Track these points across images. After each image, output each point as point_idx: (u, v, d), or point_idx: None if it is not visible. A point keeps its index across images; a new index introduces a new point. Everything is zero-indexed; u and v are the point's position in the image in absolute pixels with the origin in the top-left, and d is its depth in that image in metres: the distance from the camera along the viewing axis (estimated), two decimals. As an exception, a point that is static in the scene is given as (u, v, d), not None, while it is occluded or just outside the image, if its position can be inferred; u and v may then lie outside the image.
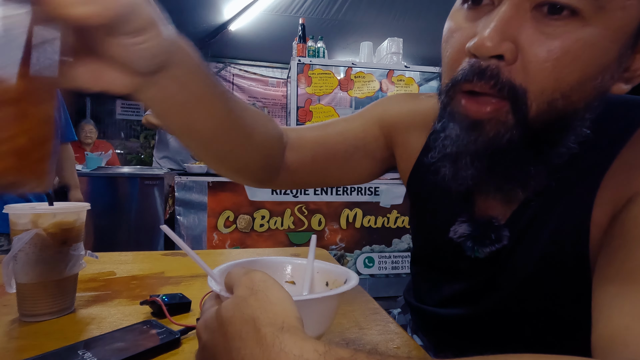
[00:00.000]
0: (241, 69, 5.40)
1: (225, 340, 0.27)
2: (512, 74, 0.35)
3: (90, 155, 2.75)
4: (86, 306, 0.58)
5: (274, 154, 0.55)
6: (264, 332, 0.26)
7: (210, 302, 0.34)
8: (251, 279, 0.30)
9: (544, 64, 0.33)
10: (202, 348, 0.30)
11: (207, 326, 0.30)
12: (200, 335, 0.31)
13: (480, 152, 0.38)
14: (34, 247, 0.51)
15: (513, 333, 0.50)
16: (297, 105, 2.48)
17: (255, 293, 0.28)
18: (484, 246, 0.47)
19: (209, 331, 0.30)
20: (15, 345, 0.46)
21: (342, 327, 0.53)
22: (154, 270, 0.78)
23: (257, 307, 0.27)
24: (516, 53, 0.34)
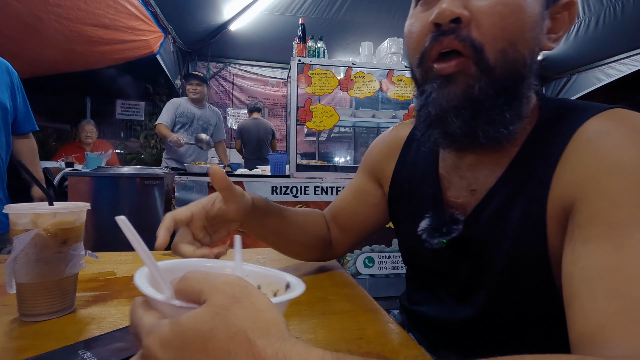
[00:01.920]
0: (241, 69, 5.40)
1: (205, 357, 0.24)
2: (470, 31, 0.43)
3: (90, 155, 2.76)
4: (86, 306, 0.58)
5: (322, 234, 0.76)
6: (260, 345, 0.23)
7: (152, 315, 0.27)
8: (230, 284, 0.26)
9: (491, 19, 0.42)
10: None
11: (167, 343, 0.24)
12: (154, 353, 0.25)
13: (460, 103, 0.45)
14: (34, 247, 0.51)
15: (501, 330, 0.51)
16: (297, 105, 2.48)
17: (239, 301, 0.25)
18: (433, 238, 0.54)
19: (172, 349, 0.24)
20: (16, 345, 0.46)
21: (342, 327, 0.53)
22: (154, 270, 0.78)
23: (245, 317, 0.24)
24: (470, 17, 0.43)
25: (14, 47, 2.88)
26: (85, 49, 3.07)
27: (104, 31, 2.88)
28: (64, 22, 2.64)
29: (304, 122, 2.49)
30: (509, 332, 0.51)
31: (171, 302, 0.27)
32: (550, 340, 0.48)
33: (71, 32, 2.77)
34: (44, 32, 2.71)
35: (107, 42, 3.04)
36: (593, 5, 3.93)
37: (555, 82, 5.48)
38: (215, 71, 5.25)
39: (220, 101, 5.41)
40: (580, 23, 4.19)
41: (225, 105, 5.39)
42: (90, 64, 3.47)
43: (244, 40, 4.59)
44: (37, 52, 3.01)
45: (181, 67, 4.71)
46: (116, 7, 2.71)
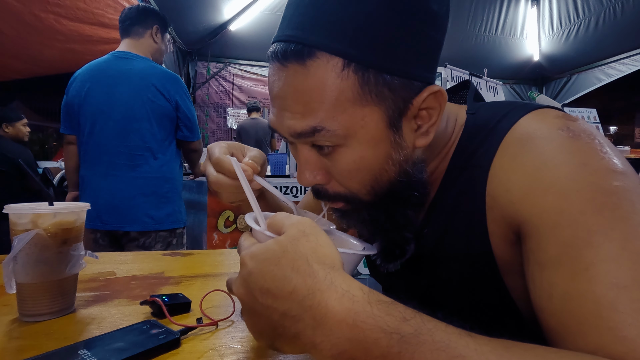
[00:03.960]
0: (241, 69, 5.40)
1: (277, 269, 0.31)
2: (336, 188, 0.46)
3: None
4: (86, 306, 0.58)
5: None
6: (315, 268, 0.31)
7: (250, 240, 0.37)
8: (302, 222, 0.34)
9: (345, 179, 0.45)
10: (247, 274, 0.32)
11: (255, 255, 0.32)
12: (245, 262, 0.33)
13: (360, 224, 0.49)
14: (34, 247, 0.51)
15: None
16: (297, 105, 2.47)
17: (307, 235, 0.33)
18: (389, 262, 0.53)
19: (257, 260, 0.32)
20: (16, 345, 0.46)
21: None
22: (154, 270, 0.78)
23: (310, 247, 0.32)
24: (328, 176, 0.46)
25: (13, 47, 2.88)
26: (85, 48, 3.06)
27: (103, 30, 2.87)
28: (63, 21, 2.64)
29: (304, 122, 2.48)
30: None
31: (263, 232, 0.37)
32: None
33: (71, 32, 2.77)
34: (44, 32, 2.71)
35: (107, 42, 3.04)
36: (593, 5, 3.94)
37: (555, 82, 5.49)
38: (215, 71, 5.25)
39: (220, 101, 5.41)
40: (581, 23, 4.19)
41: (225, 105, 5.39)
42: (90, 64, 3.46)
43: (244, 40, 4.59)
44: (37, 51, 3.01)
45: (181, 67, 4.71)
46: (116, 7, 2.71)
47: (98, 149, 1.49)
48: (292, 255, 0.31)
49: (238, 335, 0.49)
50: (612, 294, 0.30)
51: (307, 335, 0.29)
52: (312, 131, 0.41)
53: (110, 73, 1.51)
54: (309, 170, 0.45)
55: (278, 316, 0.30)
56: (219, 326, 0.52)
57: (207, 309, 0.57)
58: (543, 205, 0.37)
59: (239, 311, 0.39)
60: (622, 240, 0.32)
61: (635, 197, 0.34)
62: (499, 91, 3.45)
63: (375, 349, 0.27)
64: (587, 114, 3.11)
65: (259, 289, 0.31)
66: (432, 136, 0.45)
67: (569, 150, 0.38)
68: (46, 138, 5.29)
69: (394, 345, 0.27)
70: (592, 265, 0.32)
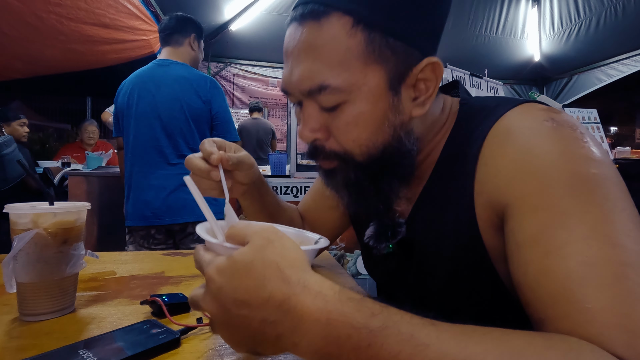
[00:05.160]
0: (242, 69, 5.40)
1: (249, 280, 0.31)
2: (332, 146, 0.49)
3: (91, 155, 2.76)
4: (86, 306, 0.58)
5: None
6: (287, 273, 0.31)
7: (210, 253, 0.36)
8: (265, 230, 0.34)
9: (343, 135, 0.48)
10: (217, 289, 0.32)
11: (223, 270, 0.32)
12: (213, 278, 0.32)
13: (343, 188, 0.52)
14: (34, 247, 0.51)
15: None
16: (298, 105, 2.47)
17: (272, 242, 0.33)
18: (380, 243, 0.57)
19: (225, 274, 0.32)
20: (16, 344, 0.46)
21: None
22: (154, 270, 0.78)
23: (278, 253, 0.32)
24: (327, 133, 0.49)
25: (14, 47, 2.88)
26: (85, 48, 3.07)
27: (104, 31, 2.88)
28: (64, 21, 2.64)
29: (304, 122, 2.48)
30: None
31: (223, 244, 0.36)
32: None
33: (72, 32, 2.77)
34: (45, 32, 2.71)
35: (108, 42, 3.04)
36: (594, 5, 3.93)
37: (556, 83, 5.48)
38: (215, 71, 5.25)
39: (221, 101, 5.40)
40: (581, 23, 4.19)
41: (225, 105, 5.39)
42: (91, 64, 3.46)
43: (245, 40, 4.59)
44: (38, 51, 3.01)
45: (182, 67, 4.70)
46: (117, 7, 2.71)
47: (145, 150, 1.60)
48: (261, 264, 0.31)
49: (238, 335, 0.49)
50: (582, 271, 0.33)
51: (287, 337, 0.30)
52: (318, 88, 0.45)
53: (153, 79, 1.64)
54: (310, 126, 0.49)
55: (257, 323, 0.31)
56: (219, 326, 0.52)
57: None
58: (525, 190, 0.40)
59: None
60: (594, 223, 0.35)
61: (610, 185, 0.37)
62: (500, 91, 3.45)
63: (347, 344, 0.29)
64: (588, 115, 3.10)
65: (233, 302, 0.31)
66: (427, 108, 0.49)
67: (552, 140, 0.41)
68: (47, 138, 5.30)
69: (364, 339, 0.29)
70: (565, 244, 0.35)
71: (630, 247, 0.33)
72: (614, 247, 0.33)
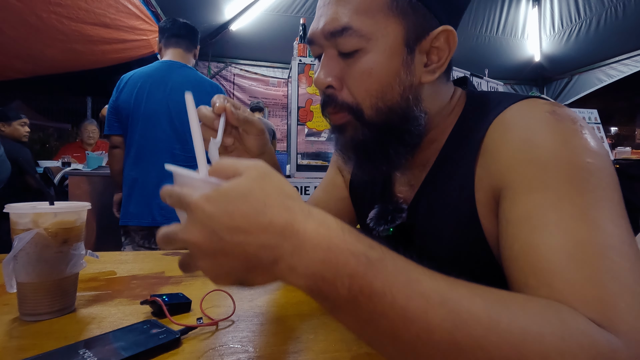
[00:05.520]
0: (242, 69, 5.39)
1: (246, 207, 0.30)
2: (344, 97, 0.51)
3: (91, 155, 2.76)
4: (87, 306, 0.58)
5: None
6: (289, 202, 0.31)
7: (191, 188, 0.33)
8: (259, 164, 0.33)
9: (356, 84, 0.50)
10: (207, 217, 0.30)
11: (214, 198, 0.30)
12: (201, 207, 0.30)
13: (351, 146, 0.54)
14: (34, 247, 0.51)
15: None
16: (298, 105, 2.48)
17: (269, 175, 0.33)
18: (380, 225, 0.59)
19: (218, 202, 0.30)
20: (16, 344, 0.46)
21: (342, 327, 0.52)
22: (155, 270, 0.78)
23: (275, 186, 0.32)
24: (341, 83, 0.51)
25: (15, 47, 2.88)
26: (86, 48, 3.07)
27: (105, 30, 2.88)
28: (65, 21, 2.64)
29: (304, 122, 2.49)
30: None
31: (209, 180, 0.33)
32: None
33: (72, 32, 2.77)
34: (45, 32, 2.71)
35: (108, 42, 3.05)
36: (594, 5, 3.93)
37: (557, 83, 5.48)
38: (215, 71, 5.25)
39: (221, 101, 5.40)
40: (582, 23, 4.19)
41: (225, 105, 5.38)
42: (92, 64, 3.47)
43: (245, 40, 4.59)
44: (38, 51, 3.01)
45: (182, 67, 4.70)
46: (117, 7, 2.72)
47: (153, 150, 1.59)
48: (260, 192, 0.31)
49: (238, 335, 0.49)
50: (566, 247, 0.35)
51: (284, 260, 0.30)
52: (342, 30, 0.48)
53: (165, 79, 1.62)
54: (326, 70, 0.51)
55: (254, 249, 0.30)
56: (219, 326, 0.52)
57: (207, 309, 0.57)
58: (525, 174, 0.42)
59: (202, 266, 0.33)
60: (584, 207, 0.37)
61: (603, 175, 0.39)
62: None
63: (344, 270, 0.29)
64: (588, 115, 3.10)
65: (226, 229, 0.29)
66: (436, 76, 0.52)
67: (553, 130, 0.43)
68: (47, 137, 5.30)
69: (361, 266, 0.29)
70: (554, 222, 0.37)
71: (614, 232, 0.35)
72: (599, 230, 0.35)
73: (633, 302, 0.31)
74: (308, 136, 3.99)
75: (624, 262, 0.33)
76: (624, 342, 0.29)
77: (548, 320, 0.30)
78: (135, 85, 1.62)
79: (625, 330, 0.30)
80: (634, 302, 0.31)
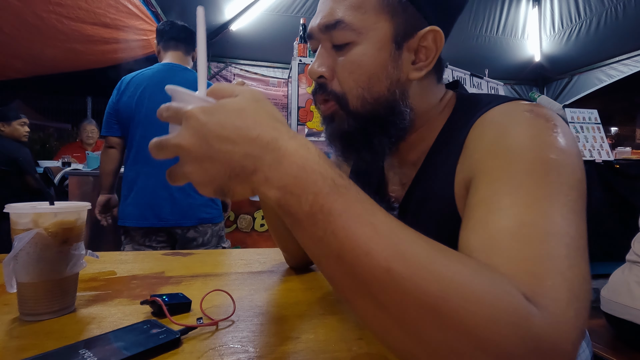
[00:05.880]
0: (242, 69, 5.39)
1: (239, 120, 0.33)
2: (334, 86, 0.55)
3: (91, 155, 2.76)
4: (87, 306, 0.58)
5: None
6: (278, 124, 0.35)
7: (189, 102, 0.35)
8: (253, 90, 0.37)
9: (345, 75, 0.54)
10: (200, 125, 0.33)
11: (210, 110, 0.34)
12: (196, 116, 0.33)
13: (338, 135, 0.57)
14: (34, 247, 0.51)
15: None
16: (298, 105, 2.48)
17: (262, 100, 0.36)
18: None
19: (213, 113, 0.33)
20: (16, 344, 0.46)
21: (342, 327, 0.53)
22: (155, 270, 0.79)
23: (267, 109, 0.36)
24: (333, 73, 0.55)
25: (15, 46, 2.88)
26: (86, 48, 3.07)
27: (104, 30, 2.88)
28: (65, 21, 2.64)
29: (304, 122, 2.49)
30: None
31: (206, 98, 0.35)
32: None
33: (72, 31, 2.77)
34: (45, 31, 2.71)
35: (108, 41, 3.05)
36: (594, 5, 3.93)
37: (557, 83, 5.48)
38: (216, 71, 5.25)
39: (221, 101, 5.39)
40: (582, 24, 4.18)
41: (226, 105, 5.38)
42: (92, 63, 3.46)
43: (245, 40, 4.59)
44: (38, 51, 3.01)
45: (182, 67, 4.69)
46: (117, 7, 2.72)
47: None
48: (253, 111, 0.34)
49: (238, 335, 0.49)
50: (513, 228, 0.37)
51: (262, 172, 0.33)
52: (335, 23, 0.53)
53: (168, 82, 1.59)
54: (320, 61, 0.56)
55: (239, 157, 0.33)
56: (219, 326, 0.52)
57: (207, 309, 0.57)
58: (493, 165, 0.44)
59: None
60: (537, 198, 0.39)
61: (565, 172, 0.41)
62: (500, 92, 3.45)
63: (311, 187, 0.32)
64: (588, 115, 3.10)
65: (217, 137, 0.33)
66: (423, 74, 0.55)
67: (526, 126, 0.46)
68: (47, 137, 5.30)
69: (326, 187, 0.32)
70: (507, 207, 0.39)
71: (560, 223, 0.37)
72: (546, 218, 0.37)
73: (560, 284, 0.33)
74: (308, 136, 3.99)
75: (562, 250, 0.35)
76: (541, 313, 0.31)
77: (480, 274, 0.32)
78: (137, 88, 1.62)
79: (545, 304, 0.31)
80: (561, 285, 0.33)
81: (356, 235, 0.31)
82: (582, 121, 2.93)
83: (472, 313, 0.29)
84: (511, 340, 0.29)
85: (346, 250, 0.31)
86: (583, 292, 0.34)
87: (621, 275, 1.21)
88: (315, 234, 0.32)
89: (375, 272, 0.30)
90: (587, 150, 2.71)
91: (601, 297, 1.26)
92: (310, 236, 0.33)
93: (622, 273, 1.22)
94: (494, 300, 0.30)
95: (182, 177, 0.36)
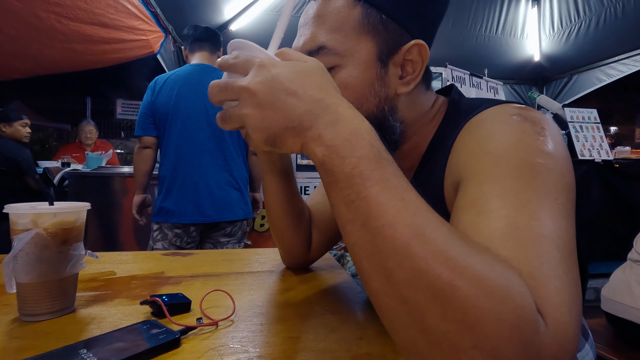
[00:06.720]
0: (241, 69, 5.39)
1: (307, 82, 0.37)
2: None
3: (91, 155, 2.76)
4: (86, 306, 0.58)
5: (309, 230, 0.77)
6: (339, 95, 0.38)
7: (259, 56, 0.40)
8: (319, 61, 0.40)
9: None
10: (271, 76, 0.36)
11: (282, 64, 0.37)
12: (267, 67, 0.37)
13: None
14: (34, 247, 0.51)
15: None
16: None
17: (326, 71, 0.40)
18: None
19: (284, 67, 0.37)
20: (16, 345, 0.46)
21: (342, 327, 0.53)
22: (154, 270, 0.78)
23: (330, 79, 0.39)
24: None
25: (14, 46, 2.88)
26: (85, 48, 3.06)
27: (104, 30, 2.87)
28: (64, 21, 2.64)
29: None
30: None
31: (272, 56, 0.39)
32: None
33: (71, 32, 2.77)
34: (44, 32, 2.71)
35: (108, 42, 3.04)
36: (594, 5, 3.93)
37: (556, 82, 5.48)
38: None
39: (221, 101, 5.39)
40: (581, 23, 4.19)
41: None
42: (91, 64, 3.46)
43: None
44: (37, 51, 3.01)
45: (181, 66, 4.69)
46: (116, 7, 2.71)
47: (194, 151, 1.65)
48: (320, 77, 0.38)
49: (238, 335, 0.49)
50: (505, 231, 0.37)
51: (317, 129, 0.35)
52: (317, 49, 0.53)
53: (202, 82, 1.69)
54: None
55: (301, 111, 0.36)
56: (219, 326, 0.52)
57: (207, 309, 0.57)
58: (479, 167, 0.44)
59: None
60: (526, 201, 0.39)
61: (551, 176, 0.41)
62: (500, 91, 3.45)
63: (358, 152, 0.34)
64: (588, 115, 3.10)
65: (285, 90, 0.36)
66: (411, 87, 0.56)
67: (512, 129, 0.46)
68: (46, 138, 5.30)
69: (371, 155, 0.34)
70: (495, 210, 0.39)
71: (550, 226, 0.37)
72: (537, 220, 0.37)
73: (560, 288, 0.33)
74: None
75: (555, 253, 0.35)
76: (546, 321, 0.30)
77: (495, 269, 0.31)
78: (173, 87, 1.67)
79: (549, 310, 0.31)
80: (561, 288, 0.33)
81: (386, 205, 0.32)
82: (581, 120, 2.93)
83: (478, 307, 0.28)
84: (511, 343, 0.28)
85: (372, 217, 0.32)
86: (578, 297, 0.34)
87: (622, 275, 1.21)
88: (349, 197, 0.33)
89: (395, 244, 0.31)
90: (587, 150, 2.71)
91: (601, 296, 1.26)
92: (343, 197, 0.34)
93: (623, 272, 1.22)
94: (504, 299, 0.29)
95: (237, 119, 0.38)
